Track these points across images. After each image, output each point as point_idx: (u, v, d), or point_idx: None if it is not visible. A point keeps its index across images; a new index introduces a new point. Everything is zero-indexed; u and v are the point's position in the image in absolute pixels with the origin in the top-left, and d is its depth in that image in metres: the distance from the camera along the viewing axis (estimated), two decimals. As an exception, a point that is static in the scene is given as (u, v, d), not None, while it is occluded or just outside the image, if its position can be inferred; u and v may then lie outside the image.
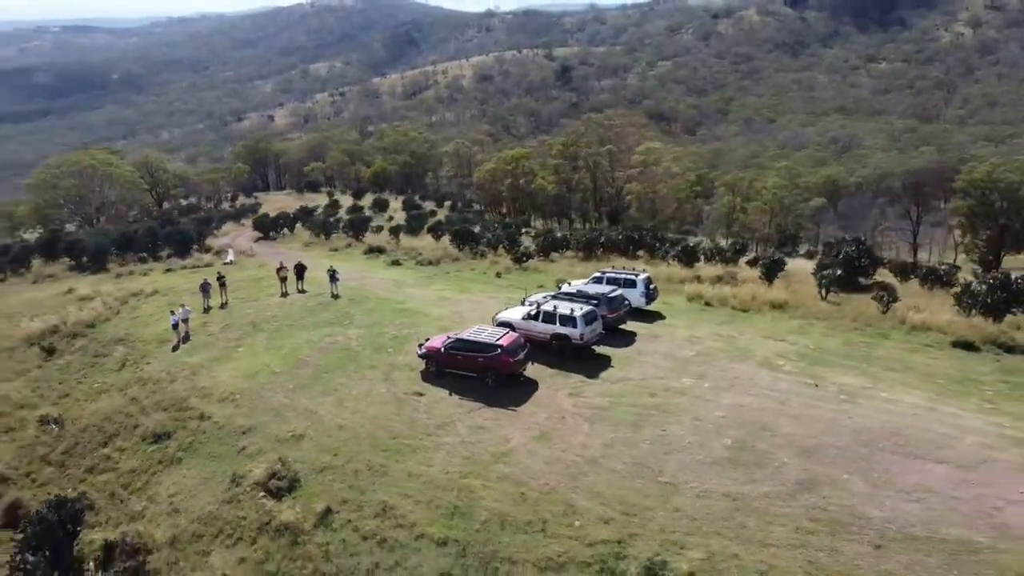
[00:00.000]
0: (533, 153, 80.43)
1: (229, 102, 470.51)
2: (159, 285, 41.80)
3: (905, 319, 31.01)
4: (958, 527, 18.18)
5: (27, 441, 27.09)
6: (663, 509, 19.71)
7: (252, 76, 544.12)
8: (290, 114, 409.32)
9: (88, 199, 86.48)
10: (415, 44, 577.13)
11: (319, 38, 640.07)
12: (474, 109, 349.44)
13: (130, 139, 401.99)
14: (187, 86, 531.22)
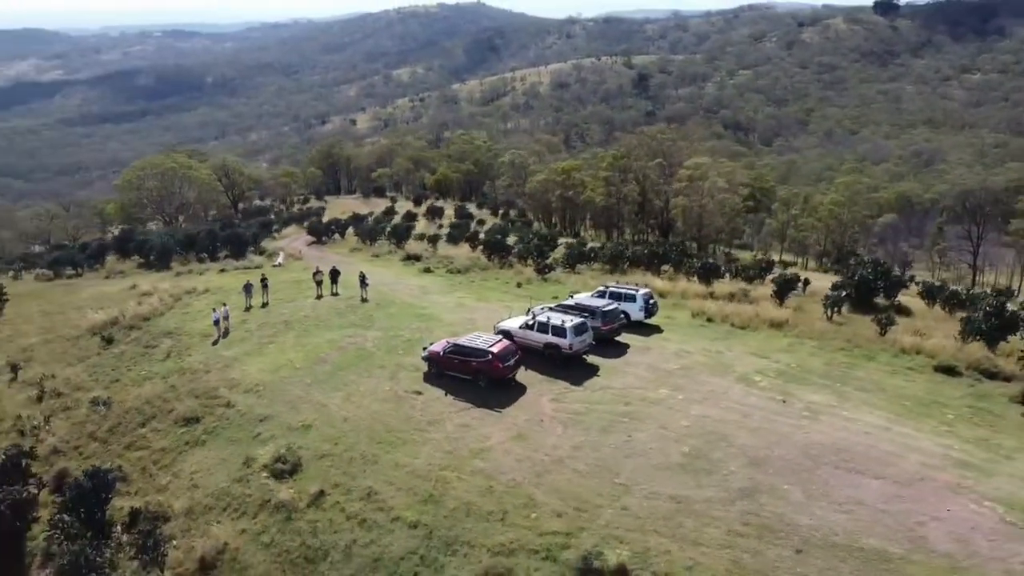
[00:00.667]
0: (584, 165, 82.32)
1: (315, 105, 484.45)
2: (211, 284, 45.76)
3: (896, 342, 31.88)
4: (877, 538, 19.62)
5: (79, 419, 30.88)
6: (612, 507, 21.68)
7: (338, 81, 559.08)
8: (371, 118, 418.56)
9: (169, 199, 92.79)
10: (496, 50, 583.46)
11: (403, 44, 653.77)
12: (549, 116, 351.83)
13: (220, 140, 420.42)
14: (276, 89, 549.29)
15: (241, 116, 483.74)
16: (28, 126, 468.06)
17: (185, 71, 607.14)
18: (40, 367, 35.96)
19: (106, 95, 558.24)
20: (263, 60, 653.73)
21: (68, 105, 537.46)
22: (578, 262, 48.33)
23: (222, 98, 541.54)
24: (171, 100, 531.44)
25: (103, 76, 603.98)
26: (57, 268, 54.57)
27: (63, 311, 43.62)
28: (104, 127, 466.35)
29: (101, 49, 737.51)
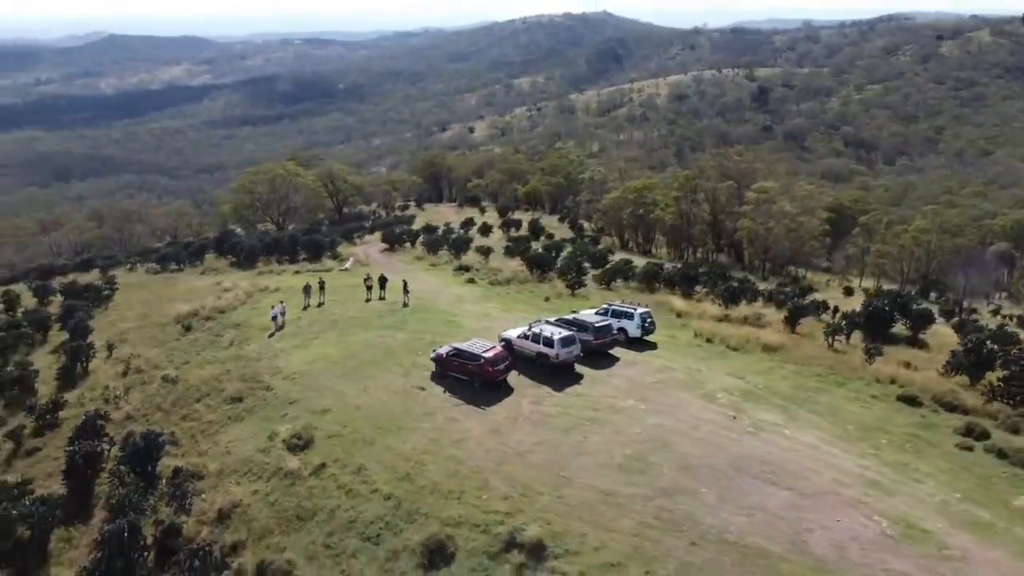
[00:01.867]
0: (659, 184, 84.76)
1: (437, 113, 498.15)
2: (282, 284, 51.92)
3: (877, 371, 33.77)
4: (764, 538, 22.53)
5: (151, 392, 37.16)
6: (550, 495, 25.39)
7: (461, 89, 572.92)
8: (489, 126, 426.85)
9: (277, 203, 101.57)
10: (618, 61, 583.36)
11: (527, 53, 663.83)
12: (663, 128, 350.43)
13: (346, 144, 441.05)
14: (402, 97, 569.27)
15: (367, 121, 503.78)
16: (177, 127, 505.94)
17: (320, 77, 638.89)
18: (130, 348, 42.89)
19: (247, 99, 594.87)
20: (392, 68, 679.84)
21: (213, 108, 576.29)
22: (613, 280, 51.54)
23: (352, 104, 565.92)
24: (305, 105, 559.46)
25: (246, 81, 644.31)
26: (164, 263, 62.83)
27: (159, 301, 50.88)
28: (243, 129, 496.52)
29: (246, 55, 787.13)
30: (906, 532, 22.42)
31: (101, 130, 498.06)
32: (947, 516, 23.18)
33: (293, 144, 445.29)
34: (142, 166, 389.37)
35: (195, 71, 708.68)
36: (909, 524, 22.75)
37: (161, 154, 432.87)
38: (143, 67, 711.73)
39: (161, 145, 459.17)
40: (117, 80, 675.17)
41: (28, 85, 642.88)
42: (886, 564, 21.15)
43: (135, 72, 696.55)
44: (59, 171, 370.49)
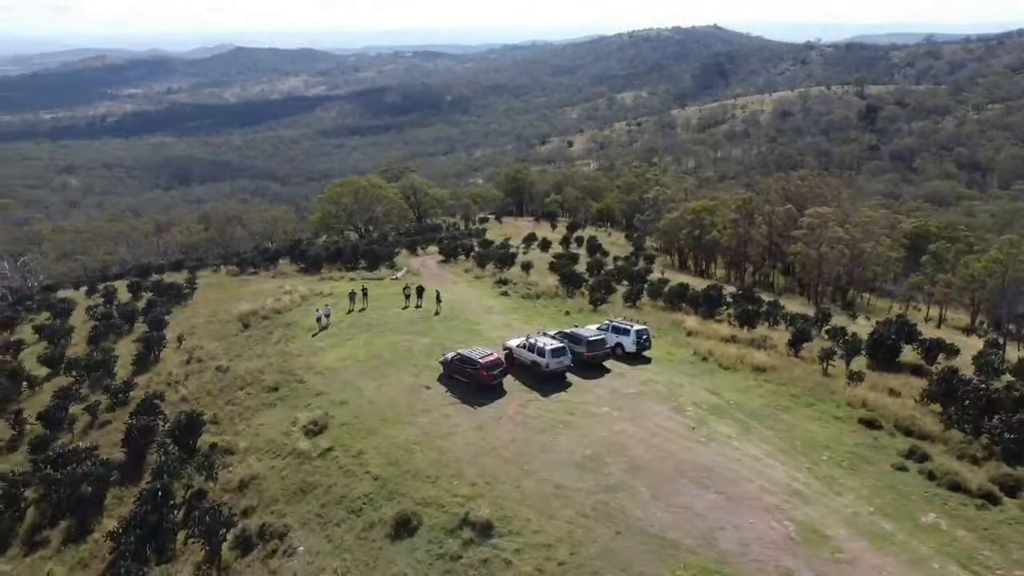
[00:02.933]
0: (719, 206, 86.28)
1: (538, 126, 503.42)
2: (336, 289, 57.28)
3: (851, 395, 35.78)
4: (680, 533, 25.58)
5: (205, 379, 42.93)
6: (510, 485, 29.09)
7: (563, 102, 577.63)
8: (588, 140, 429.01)
9: (360, 213, 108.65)
10: (724, 76, 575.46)
11: (632, 67, 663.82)
12: (763, 146, 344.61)
13: (448, 155, 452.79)
14: (505, 109, 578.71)
15: (470, 133, 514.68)
16: (291, 136, 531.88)
17: (427, 89, 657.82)
18: (196, 340, 49.09)
19: (358, 110, 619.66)
20: (497, 81, 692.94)
21: (326, 118, 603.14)
22: (639, 298, 54.37)
23: (456, 115, 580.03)
24: (412, 116, 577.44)
25: (358, 92, 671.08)
26: (242, 267, 69.75)
27: (229, 301, 57.17)
28: (352, 139, 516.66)
29: (359, 68, 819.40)
30: (808, 536, 24.95)
31: (223, 137, 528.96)
32: (853, 526, 25.53)
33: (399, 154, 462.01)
34: (256, 172, 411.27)
35: (311, 82, 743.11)
36: (814, 530, 25.25)
37: (275, 161, 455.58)
38: (264, 78, 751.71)
39: (276, 153, 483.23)
40: (240, 90, 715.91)
41: (161, 94, 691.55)
42: (779, 562, 23.82)
43: (257, 83, 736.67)
44: (182, 175, 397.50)
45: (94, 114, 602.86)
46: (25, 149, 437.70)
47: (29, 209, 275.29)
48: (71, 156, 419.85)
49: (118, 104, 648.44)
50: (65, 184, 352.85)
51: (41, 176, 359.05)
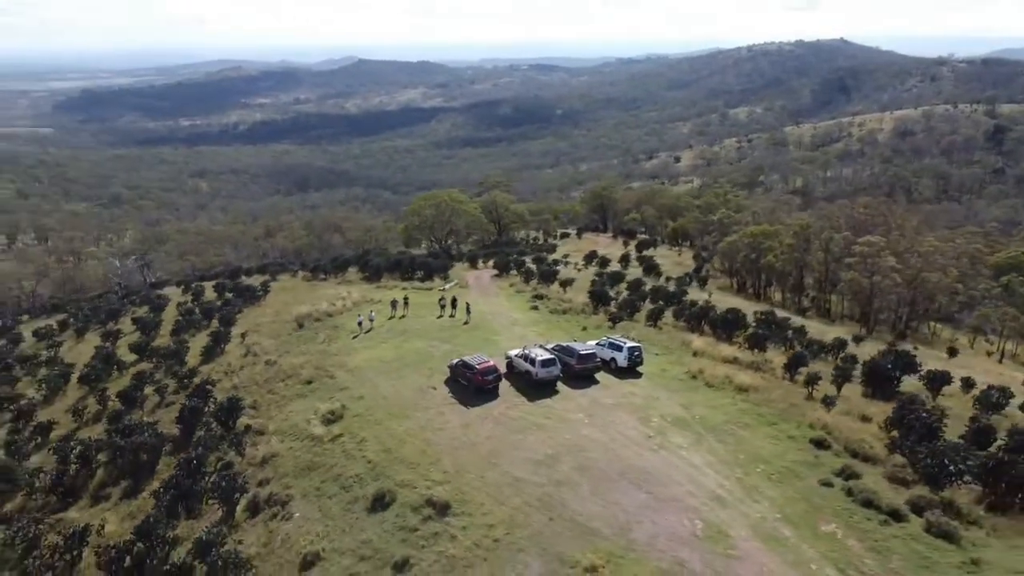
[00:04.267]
0: (780, 231, 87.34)
1: (647, 141, 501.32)
2: (386, 297, 63.04)
3: (817, 418, 38.34)
4: (602, 523, 29.52)
5: (256, 371, 49.53)
6: (475, 474, 33.68)
7: (675, 117, 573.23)
8: (696, 156, 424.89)
9: (441, 226, 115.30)
10: (845, 92, 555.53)
11: (749, 82, 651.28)
12: (876, 166, 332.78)
13: (555, 168, 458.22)
14: (615, 123, 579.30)
15: (578, 147, 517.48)
16: (406, 146, 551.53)
17: (539, 102, 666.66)
18: (256, 337, 56.04)
19: (471, 121, 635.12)
20: (609, 94, 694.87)
21: (440, 129, 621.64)
22: (660, 317, 57.51)
23: (567, 128, 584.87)
24: (524, 128, 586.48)
25: (473, 104, 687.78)
26: (315, 272, 77.03)
27: (295, 303, 64.10)
28: (463, 150, 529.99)
29: (476, 80, 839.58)
30: (711, 535, 28.34)
31: (342, 146, 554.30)
32: (755, 529, 28.69)
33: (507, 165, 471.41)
34: (371, 180, 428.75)
35: (429, 94, 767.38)
36: (719, 530, 28.60)
37: (389, 170, 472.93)
38: (384, 90, 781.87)
39: (390, 162, 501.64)
40: (362, 101, 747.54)
41: (288, 104, 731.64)
42: (677, 553, 27.40)
43: (377, 94, 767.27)
44: (301, 181, 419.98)
45: (227, 122, 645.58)
46: (164, 154, 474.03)
47: (161, 210, 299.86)
48: (203, 161, 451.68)
49: (249, 113, 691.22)
50: (196, 187, 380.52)
51: (175, 179, 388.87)
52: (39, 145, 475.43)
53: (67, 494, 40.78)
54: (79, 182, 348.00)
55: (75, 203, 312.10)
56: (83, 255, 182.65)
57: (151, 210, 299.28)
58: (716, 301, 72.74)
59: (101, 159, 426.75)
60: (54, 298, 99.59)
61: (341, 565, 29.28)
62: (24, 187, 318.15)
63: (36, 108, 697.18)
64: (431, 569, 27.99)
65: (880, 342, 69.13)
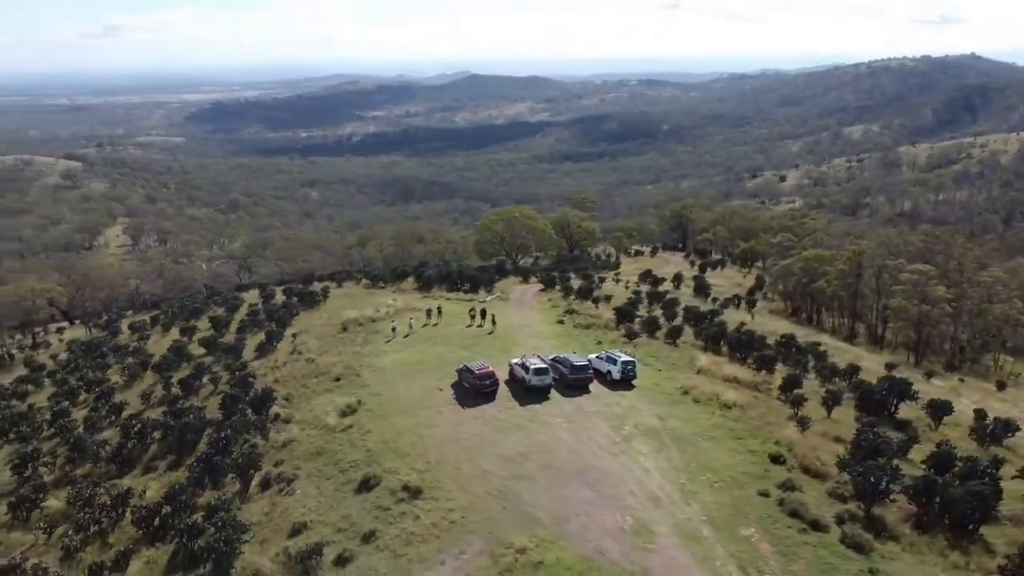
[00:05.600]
0: (834, 256, 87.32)
1: (753, 159, 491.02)
2: (428, 305, 67.91)
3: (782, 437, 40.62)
4: (544, 513, 33.28)
5: (296, 367, 55.50)
6: (452, 466, 38.00)
7: (784, 135, 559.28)
8: (802, 176, 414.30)
9: (511, 240, 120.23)
10: (971, 111, 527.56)
11: (867, 99, 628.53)
12: (994, 191, 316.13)
13: (655, 184, 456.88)
14: (721, 140, 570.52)
15: (681, 163, 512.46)
16: (509, 159, 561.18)
17: (646, 118, 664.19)
18: (305, 337, 62.20)
19: (575, 136, 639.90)
20: (718, 110, 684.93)
21: (544, 143, 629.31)
22: (678, 336, 60.01)
23: (671, 145, 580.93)
24: (627, 144, 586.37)
25: (578, 119, 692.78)
26: (374, 281, 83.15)
27: (348, 308, 69.96)
28: (564, 164, 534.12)
29: (583, 95, 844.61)
30: (637, 530, 31.55)
31: (447, 159, 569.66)
32: (678, 528, 31.68)
33: (607, 180, 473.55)
34: (471, 193, 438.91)
35: (536, 108, 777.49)
36: (645, 527, 31.78)
37: (491, 183, 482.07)
38: (493, 104, 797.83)
39: (493, 175, 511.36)
40: (470, 115, 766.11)
41: (400, 116, 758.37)
42: (601, 543, 30.80)
43: (486, 108, 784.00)
44: (405, 192, 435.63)
45: (341, 133, 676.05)
46: (280, 163, 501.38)
47: (272, 217, 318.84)
48: (315, 171, 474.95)
49: (363, 125, 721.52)
50: (306, 196, 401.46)
51: (288, 188, 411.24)
52: (170, 154, 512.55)
53: (124, 464, 47.59)
54: (202, 189, 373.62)
55: (196, 208, 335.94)
56: (195, 257, 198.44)
57: (263, 217, 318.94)
58: (758, 324, 74.62)
59: (223, 168, 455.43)
60: (154, 296, 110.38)
61: (321, 533, 34.07)
62: (153, 193, 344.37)
63: (170, 119, 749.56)
64: (392, 542, 32.45)
65: (922, 372, 69.04)
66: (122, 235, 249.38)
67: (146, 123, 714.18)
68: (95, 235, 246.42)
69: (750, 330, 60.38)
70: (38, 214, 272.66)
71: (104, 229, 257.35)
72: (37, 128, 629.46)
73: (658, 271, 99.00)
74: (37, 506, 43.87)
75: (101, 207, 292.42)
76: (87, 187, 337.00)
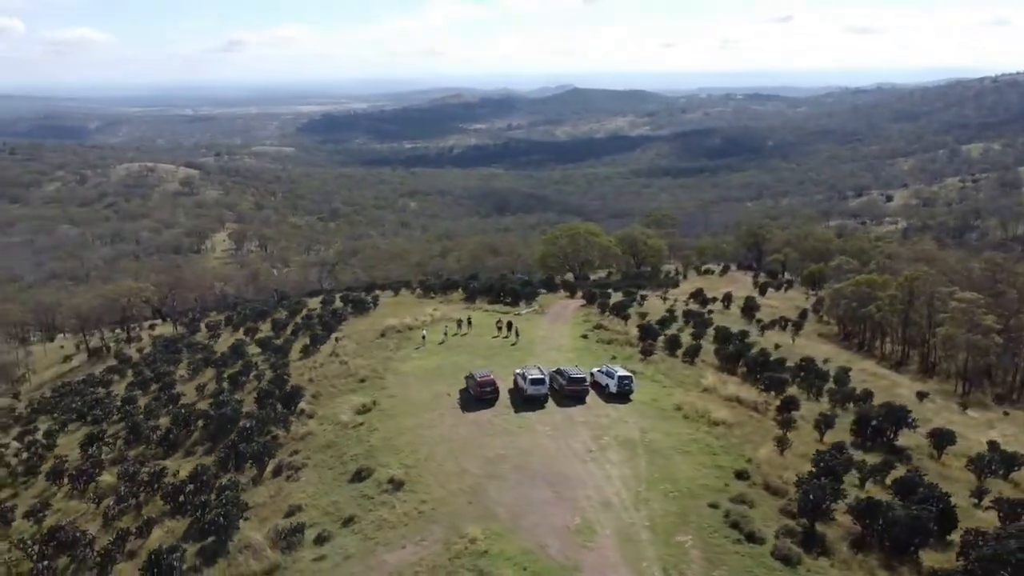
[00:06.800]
0: (888, 281, 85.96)
1: (860, 177, 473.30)
2: (457, 315, 71.57)
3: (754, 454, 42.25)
4: (503, 508, 36.41)
5: (330, 368, 60.44)
6: (437, 464, 41.63)
7: (896, 152, 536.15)
8: (910, 196, 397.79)
9: (575, 256, 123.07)
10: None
11: (990, 115, 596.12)
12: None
13: (753, 201, 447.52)
14: (827, 157, 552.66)
15: (784, 180, 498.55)
16: (606, 173, 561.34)
17: (750, 133, 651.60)
18: (346, 341, 67.21)
19: (675, 151, 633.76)
20: (827, 126, 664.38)
21: (643, 157, 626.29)
22: (696, 355, 61.53)
23: (774, 161, 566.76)
24: (729, 160, 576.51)
25: (680, 134, 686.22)
26: (425, 290, 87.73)
27: (392, 315, 74.73)
28: (662, 180, 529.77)
29: (687, 109, 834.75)
30: (581, 530, 34.20)
31: (545, 172, 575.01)
32: (620, 530, 34.11)
33: (704, 196, 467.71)
34: (566, 206, 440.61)
35: (637, 122, 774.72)
36: (589, 527, 34.38)
37: (587, 197, 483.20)
38: (594, 117, 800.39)
39: (589, 189, 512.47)
40: (571, 128, 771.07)
41: (501, 130, 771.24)
42: (544, 539, 33.61)
43: (587, 122, 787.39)
44: (500, 204, 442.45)
45: (443, 145, 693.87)
46: (383, 174, 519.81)
47: (369, 226, 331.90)
48: (416, 182, 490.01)
49: (464, 137, 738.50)
50: (405, 206, 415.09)
51: (388, 198, 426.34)
52: (280, 163, 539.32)
53: (170, 447, 53.55)
54: (306, 197, 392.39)
55: (300, 216, 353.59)
56: (289, 263, 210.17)
57: (361, 225, 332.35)
58: (799, 347, 75.20)
59: (328, 177, 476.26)
60: (236, 298, 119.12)
61: (310, 516, 38.37)
62: (261, 200, 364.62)
63: (283, 130, 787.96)
64: (366, 527, 36.35)
65: (958, 402, 68.01)
66: (227, 240, 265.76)
67: (261, 133, 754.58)
68: (203, 239, 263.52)
69: (766, 352, 61.30)
70: (156, 218, 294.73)
71: (212, 234, 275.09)
72: (164, 137, 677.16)
73: (713, 291, 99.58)
74: (93, 480, 50.12)
75: (212, 213, 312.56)
76: (203, 193, 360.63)
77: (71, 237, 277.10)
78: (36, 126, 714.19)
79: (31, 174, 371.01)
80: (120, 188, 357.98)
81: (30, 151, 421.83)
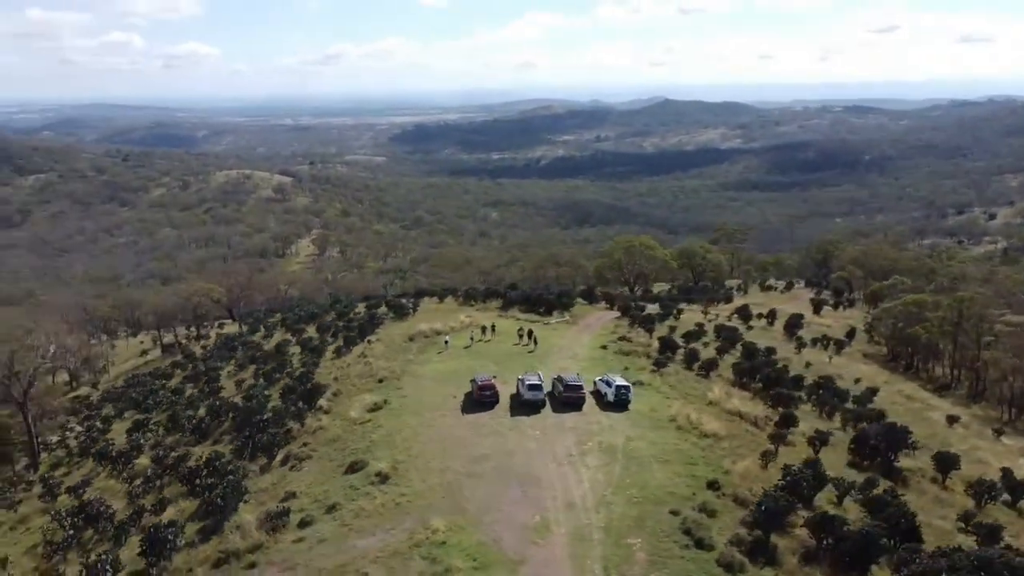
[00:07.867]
0: (938, 302, 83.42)
1: (962, 194, 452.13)
2: (486, 323, 73.59)
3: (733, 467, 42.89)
4: (473, 505, 38.52)
5: (356, 369, 63.67)
6: (425, 460, 44.07)
7: (1004, 168, 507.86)
8: (1015, 214, 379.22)
9: (630, 268, 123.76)
10: None
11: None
12: None
13: (844, 218, 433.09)
14: (927, 172, 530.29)
15: (878, 196, 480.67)
16: (693, 186, 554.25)
17: (847, 147, 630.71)
18: (379, 345, 70.42)
19: (766, 164, 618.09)
20: (930, 140, 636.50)
21: (732, 171, 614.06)
22: (712, 369, 61.81)
23: (871, 176, 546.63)
24: (822, 174, 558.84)
25: (772, 147, 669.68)
26: (466, 299, 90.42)
27: (427, 321, 77.60)
28: (750, 194, 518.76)
29: (781, 121, 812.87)
30: (539, 527, 35.91)
31: (631, 184, 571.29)
32: (576, 531, 35.59)
33: (793, 212, 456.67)
34: (649, 219, 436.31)
35: (728, 135, 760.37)
36: (547, 525, 36.04)
37: (671, 210, 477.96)
38: (684, 129, 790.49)
39: (674, 202, 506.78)
40: (659, 140, 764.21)
41: (589, 141, 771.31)
42: (500, 535, 35.50)
43: (676, 134, 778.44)
44: (582, 216, 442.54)
45: (530, 156, 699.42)
46: (468, 184, 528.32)
47: (449, 234, 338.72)
48: (500, 192, 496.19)
49: (552, 149, 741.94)
50: (486, 216, 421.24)
51: (471, 207, 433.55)
52: (371, 172, 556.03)
53: (202, 436, 57.83)
54: (391, 205, 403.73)
55: (384, 223, 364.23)
56: (365, 269, 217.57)
57: (440, 234, 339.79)
58: (835, 367, 74.26)
59: (414, 186, 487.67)
60: (299, 301, 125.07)
61: (302, 502, 41.39)
62: (348, 208, 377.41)
63: (377, 139, 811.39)
64: (345, 515, 39.08)
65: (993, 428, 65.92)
66: (311, 245, 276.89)
67: (355, 143, 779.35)
68: (288, 244, 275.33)
69: (783, 368, 61.16)
70: (248, 223, 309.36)
71: (297, 239, 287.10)
72: (264, 146, 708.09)
73: (766, 307, 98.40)
74: (131, 462, 54.80)
75: (300, 219, 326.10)
76: (293, 200, 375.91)
77: (170, 239, 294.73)
78: (149, 134, 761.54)
79: (140, 180, 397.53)
80: (218, 194, 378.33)
81: (141, 158, 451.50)
